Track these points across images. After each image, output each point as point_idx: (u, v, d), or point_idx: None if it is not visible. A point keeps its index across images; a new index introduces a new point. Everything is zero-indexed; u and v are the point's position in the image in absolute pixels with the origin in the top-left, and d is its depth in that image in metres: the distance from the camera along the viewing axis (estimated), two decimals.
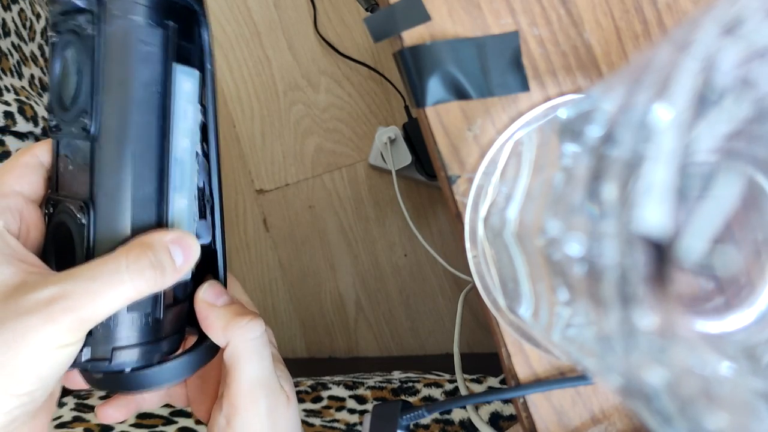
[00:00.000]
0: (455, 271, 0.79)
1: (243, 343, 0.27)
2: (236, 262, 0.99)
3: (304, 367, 0.95)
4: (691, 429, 0.14)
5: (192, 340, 0.27)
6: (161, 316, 0.25)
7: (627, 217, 0.14)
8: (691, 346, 0.18)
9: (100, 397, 0.60)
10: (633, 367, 0.15)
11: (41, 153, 0.26)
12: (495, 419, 0.55)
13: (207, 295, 0.27)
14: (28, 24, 0.81)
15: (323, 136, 0.98)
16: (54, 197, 0.25)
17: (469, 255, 0.29)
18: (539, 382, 0.29)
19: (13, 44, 0.77)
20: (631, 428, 0.29)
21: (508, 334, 0.29)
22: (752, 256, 0.22)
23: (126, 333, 0.24)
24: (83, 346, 0.23)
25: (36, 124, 0.66)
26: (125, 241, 0.23)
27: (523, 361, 0.29)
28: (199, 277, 0.28)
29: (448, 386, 0.61)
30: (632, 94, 0.15)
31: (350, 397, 0.63)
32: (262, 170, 0.98)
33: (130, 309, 0.24)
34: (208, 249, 0.28)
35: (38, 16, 0.85)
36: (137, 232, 0.24)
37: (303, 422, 0.59)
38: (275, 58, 1.00)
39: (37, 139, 0.67)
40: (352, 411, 0.61)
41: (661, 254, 0.16)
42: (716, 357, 0.18)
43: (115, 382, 0.25)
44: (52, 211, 0.25)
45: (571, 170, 0.18)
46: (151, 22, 0.24)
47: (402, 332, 0.96)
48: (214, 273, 0.28)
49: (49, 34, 0.25)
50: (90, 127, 0.23)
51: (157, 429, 0.55)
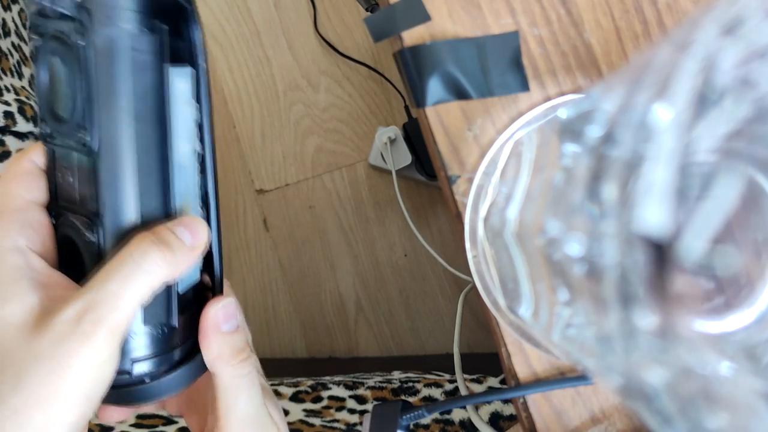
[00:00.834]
0: (455, 271, 0.79)
1: (233, 379, 0.26)
2: (236, 262, 0.99)
3: (304, 367, 0.95)
4: (691, 429, 0.14)
5: None
6: (176, 324, 0.25)
7: (627, 217, 0.14)
8: (691, 346, 0.18)
9: None
10: (633, 367, 0.15)
11: (37, 158, 0.25)
12: (495, 419, 0.55)
13: (218, 315, 0.26)
14: (28, 24, 0.81)
15: (323, 136, 0.98)
16: (55, 206, 0.25)
17: (469, 255, 0.29)
18: (539, 382, 0.29)
19: (13, 44, 0.77)
20: (631, 428, 0.29)
21: (508, 334, 0.29)
22: (752, 256, 0.22)
23: (143, 343, 0.24)
24: None
25: (36, 124, 0.66)
26: None
27: (523, 361, 0.29)
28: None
29: (448, 386, 0.61)
30: (632, 94, 0.15)
31: (350, 397, 0.63)
32: (262, 170, 0.98)
33: (146, 320, 0.24)
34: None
35: None
36: None
37: (303, 422, 0.59)
38: (275, 58, 1.00)
39: (38, 140, 0.67)
40: (352, 411, 0.61)
41: (661, 254, 0.16)
42: (716, 357, 0.18)
43: (129, 395, 0.24)
44: (55, 222, 0.25)
45: (571, 170, 0.18)
46: (143, 28, 0.23)
47: (402, 332, 0.96)
48: (209, 274, 0.28)
49: (29, 34, 0.24)
50: (90, 144, 0.23)
51: (157, 429, 0.55)
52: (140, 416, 0.57)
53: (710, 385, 0.16)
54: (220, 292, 0.28)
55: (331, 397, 0.63)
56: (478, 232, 0.28)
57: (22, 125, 0.64)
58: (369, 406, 0.61)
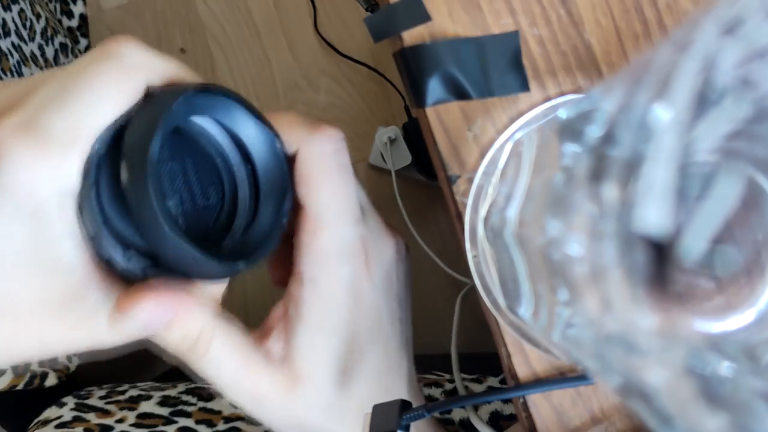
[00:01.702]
0: (454, 272, 0.79)
1: (316, 161, 0.20)
2: None
3: None
4: (691, 429, 0.14)
5: None
6: None
7: (627, 217, 0.14)
8: (691, 346, 0.18)
9: (100, 398, 0.60)
10: (633, 367, 0.15)
11: None
12: (495, 419, 0.55)
13: None
14: (28, 24, 0.81)
15: None
16: None
17: (469, 255, 0.29)
18: (539, 382, 0.29)
19: (13, 44, 0.77)
20: (631, 428, 0.29)
21: (508, 334, 0.29)
22: (752, 256, 0.22)
23: None
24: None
25: None
26: None
27: (523, 361, 0.29)
28: None
29: (448, 386, 0.61)
30: (632, 94, 0.15)
31: None
32: None
33: None
34: None
35: (38, 16, 0.85)
36: None
37: None
38: (275, 58, 1.00)
39: None
40: None
41: (661, 254, 0.16)
42: (716, 357, 0.18)
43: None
44: None
45: (571, 170, 0.18)
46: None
47: None
48: None
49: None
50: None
51: (157, 429, 0.55)
52: (140, 416, 0.57)
53: (710, 385, 0.16)
54: None
55: None
56: (478, 232, 0.28)
57: None
58: None
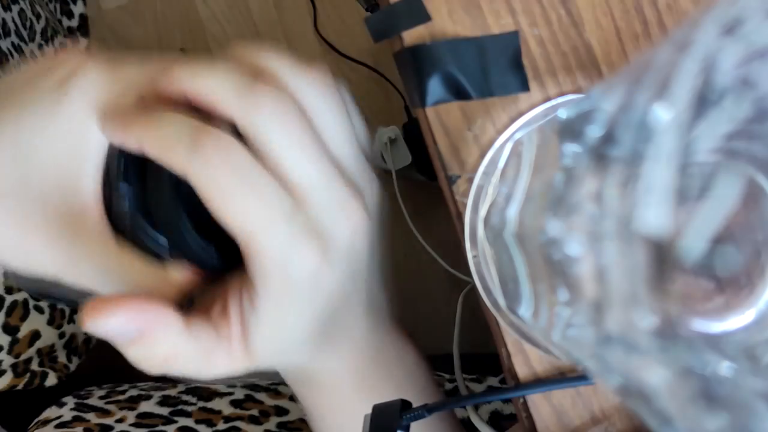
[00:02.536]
0: (455, 271, 0.79)
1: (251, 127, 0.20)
2: None
3: None
4: (691, 429, 0.14)
5: None
6: None
7: (627, 217, 0.14)
8: (691, 346, 0.18)
9: (100, 397, 0.60)
10: (633, 367, 0.15)
11: None
12: (495, 418, 0.55)
13: None
14: (28, 24, 0.81)
15: None
16: None
17: (469, 255, 0.29)
18: (539, 382, 0.29)
19: (13, 44, 0.77)
20: (631, 428, 0.29)
21: (508, 334, 0.29)
22: (752, 256, 0.22)
23: None
24: None
25: None
26: None
27: (523, 361, 0.29)
28: None
29: (448, 386, 0.61)
30: (632, 94, 0.15)
31: None
32: None
33: None
34: None
35: (38, 16, 0.85)
36: None
37: (303, 421, 0.59)
38: None
39: None
40: None
41: (661, 254, 0.16)
42: (716, 357, 0.18)
43: None
44: None
45: (571, 170, 0.18)
46: None
47: None
48: None
49: None
50: None
51: (157, 428, 0.55)
52: (140, 415, 0.57)
53: (710, 385, 0.16)
54: None
55: None
56: (478, 232, 0.28)
57: None
58: None
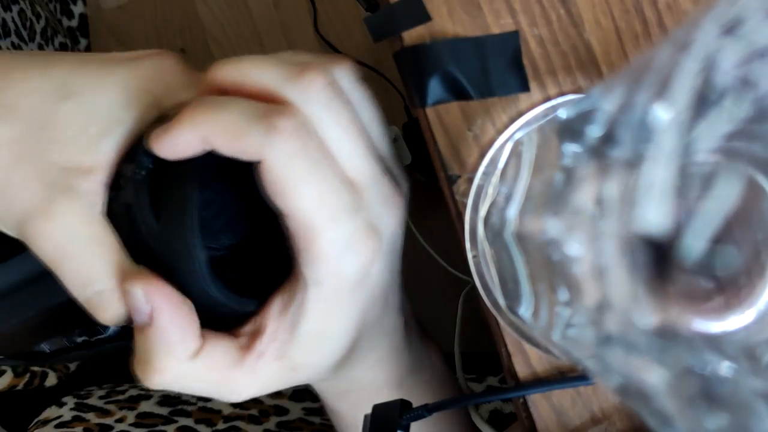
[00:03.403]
0: (455, 271, 0.79)
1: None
2: None
3: None
4: (691, 429, 0.14)
5: None
6: None
7: (627, 217, 0.14)
8: (691, 346, 0.18)
9: (100, 397, 0.60)
10: (633, 367, 0.15)
11: None
12: (495, 417, 0.55)
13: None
14: (28, 24, 0.81)
15: None
16: None
17: (469, 255, 0.29)
18: (539, 382, 0.29)
19: (13, 44, 0.77)
20: (631, 428, 0.29)
21: (508, 334, 0.29)
22: (752, 256, 0.22)
23: None
24: None
25: None
26: None
27: (523, 361, 0.29)
28: None
29: None
30: (632, 94, 0.15)
31: None
32: None
33: None
34: None
35: (38, 16, 0.85)
36: None
37: (303, 420, 0.59)
38: None
39: None
40: None
41: (661, 254, 0.16)
42: (716, 357, 0.18)
43: None
44: None
45: (571, 170, 0.18)
46: None
47: None
48: None
49: None
50: None
51: (157, 428, 0.55)
52: (140, 415, 0.57)
53: (710, 385, 0.16)
54: None
55: None
56: (478, 232, 0.28)
57: None
58: None
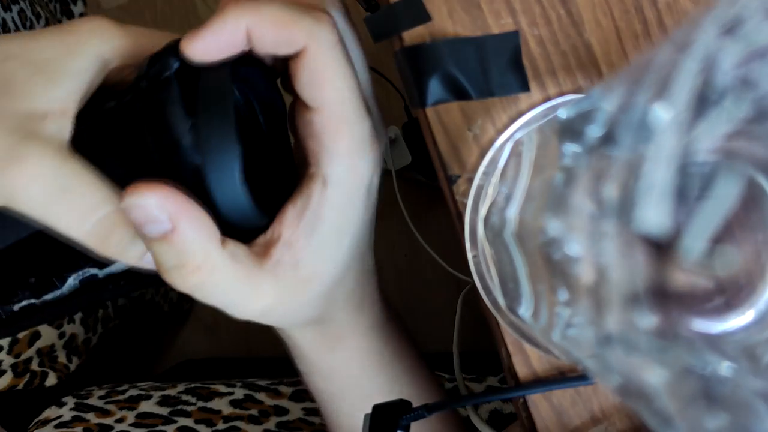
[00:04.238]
0: (455, 271, 0.79)
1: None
2: None
3: None
4: (691, 429, 0.14)
5: None
6: None
7: (627, 217, 0.14)
8: (691, 346, 0.18)
9: (100, 397, 0.60)
10: (633, 367, 0.15)
11: None
12: (495, 417, 0.55)
13: None
14: (28, 24, 0.81)
15: None
16: None
17: (469, 255, 0.29)
18: (539, 382, 0.29)
19: None
20: (631, 428, 0.29)
21: (508, 334, 0.29)
22: (752, 256, 0.22)
23: None
24: None
25: None
26: None
27: (523, 361, 0.29)
28: None
29: (448, 385, 0.61)
30: (632, 94, 0.15)
31: None
32: None
33: None
34: None
35: (38, 16, 0.85)
36: None
37: (303, 420, 0.59)
38: None
39: None
40: None
41: (661, 254, 0.16)
42: (716, 357, 0.18)
43: None
44: None
45: (571, 170, 0.18)
46: None
47: None
48: None
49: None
50: None
51: (156, 428, 0.55)
52: (140, 415, 0.57)
53: (710, 385, 0.16)
54: None
55: None
56: (478, 232, 0.28)
57: None
58: None
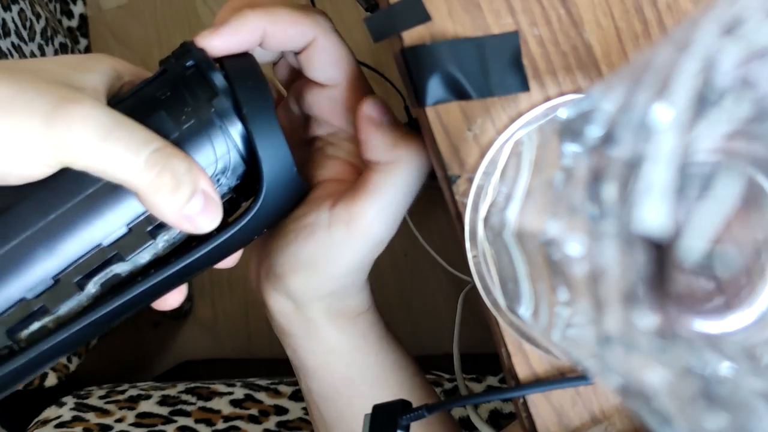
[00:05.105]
0: (455, 271, 0.79)
1: (404, 169, 0.30)
2: (238, 262, 0.98)
3: None
4: (691, 429, 0.14)
5: None
6: None
7: (627, 217, 0.14)
8: (691, 346, 0.18)
9: (99, 397, 0.60)
10: (633, 367, 0.15)
11: None
12: (495, 417, 0.55)
13: (372, 111, 0.30)
14: (28, 24, 0.81)
15: None
16: None
17: (469, 255, 0.29)
18: (539, 382, 0.29)
19: (13, 44, 0.77)
20: (631, 428, 0.29)
21: (508, 334, 0.29)
22: (752, 256, 0.22)
23: None
24: None
25: None
26: None
27: (523, 361, 0.29)
28: None
29: (448, 385, 0.61)
30: (632, 94, 0.15)
31: None
32: None
33: None
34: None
35: (38, 16, 0.85)
36: None
37: (303, 420, 0.59)
38: None
39: None
40: None
41: (661, 254, 0.16)
42: (716, 357, 0.18)
43: None
44: None
45: (571, 170, 0.18)
46: None
47: (402, 332, 0.96)
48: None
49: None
50: None
51: (156, 428, 0.55)
52: (140, 415, 0.57)
53: (710, 385, 0.16)
54: None
55: None
56: (478, 232, 0.28)
57: None
58: None
